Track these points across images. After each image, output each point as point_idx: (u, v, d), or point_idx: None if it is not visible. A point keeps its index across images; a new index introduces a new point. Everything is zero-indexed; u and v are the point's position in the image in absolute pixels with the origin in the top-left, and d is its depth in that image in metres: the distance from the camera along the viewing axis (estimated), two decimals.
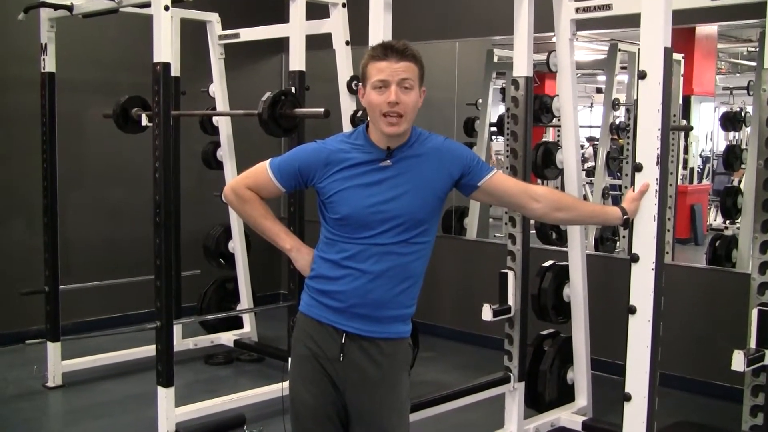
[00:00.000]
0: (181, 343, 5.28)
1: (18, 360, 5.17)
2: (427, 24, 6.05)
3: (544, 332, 4.18)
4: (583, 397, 4.15)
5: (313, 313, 2.33)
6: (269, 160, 2.36)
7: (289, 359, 2.47)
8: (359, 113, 4.19)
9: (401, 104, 2.20)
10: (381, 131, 2.25)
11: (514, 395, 3.83)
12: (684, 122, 5.85)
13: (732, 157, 5.45)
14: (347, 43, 4.57)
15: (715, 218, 6.28)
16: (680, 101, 5.66)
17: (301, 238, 2.46)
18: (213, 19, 5.38)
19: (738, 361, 2.97)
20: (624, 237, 5.75)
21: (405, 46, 2.24)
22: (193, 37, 5.43)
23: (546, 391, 4.09)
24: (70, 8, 4.48)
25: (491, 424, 3.89)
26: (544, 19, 3.83)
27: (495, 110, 6.75)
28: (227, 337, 5.55)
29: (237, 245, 5.58)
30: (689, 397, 4.70)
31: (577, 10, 3.88)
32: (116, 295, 5.81)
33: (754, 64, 5.83)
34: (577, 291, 4.04)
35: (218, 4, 5.58)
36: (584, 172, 6.64)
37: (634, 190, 2.62)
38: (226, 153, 5.42)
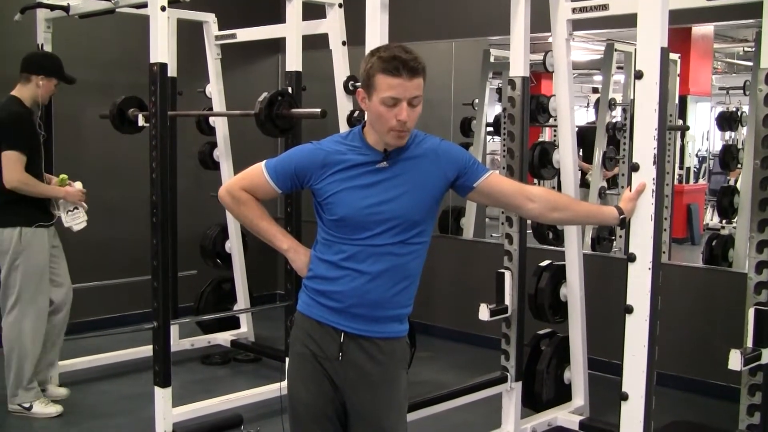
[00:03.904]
0: (178, 343, 5.28)
1: None
2: (423, 24, 6.05)
3: (541, 332, 4.17)
4: (580, 397, 4.15)
5: (311, 313, 2.33)
6: (265, 161, 2.35)
7: (287, 359, 2.47)
8: (356, 113, 4.19)
9: (409, 120, 2.19)
10: (385, 142, 2.24)
11: (511, 395, 3.84)
12: (680, 122, 5.85)
13: (728, 157, 5.45)
14: (344, 43, 4.57)
15: (711, 218, 6.29)
16: (677, 101, 5.67)
17: (298, 239, 2.47)
18: (209, 19, 5.38)
19: (735, 360, 2.98)
20: (621, 237, 5.75)
21: (417, 62, 2.16)
22: (189, 37, 5.42)
23: (543, 391, 4.09)
24: (66, 9, 4.48)
25: (488, 423, 3.90)
26: (540, 20, 3.83)
27: (491, 110, 6.76)
28: (224, 338, 5.55)
29: (234, 245, 5.58)
30: (686, 396, 4.71)
31: (574, 10, 3.88)
32: (113, 295, 5.81)
33: (750, 63, 5.84)
34: (573, 290, 4.04)
35: (215, 4, 5.57)
36: (580, 172, 6.64)
37: (630, 190, 2.62)
38: (222, 153, 5.42)
